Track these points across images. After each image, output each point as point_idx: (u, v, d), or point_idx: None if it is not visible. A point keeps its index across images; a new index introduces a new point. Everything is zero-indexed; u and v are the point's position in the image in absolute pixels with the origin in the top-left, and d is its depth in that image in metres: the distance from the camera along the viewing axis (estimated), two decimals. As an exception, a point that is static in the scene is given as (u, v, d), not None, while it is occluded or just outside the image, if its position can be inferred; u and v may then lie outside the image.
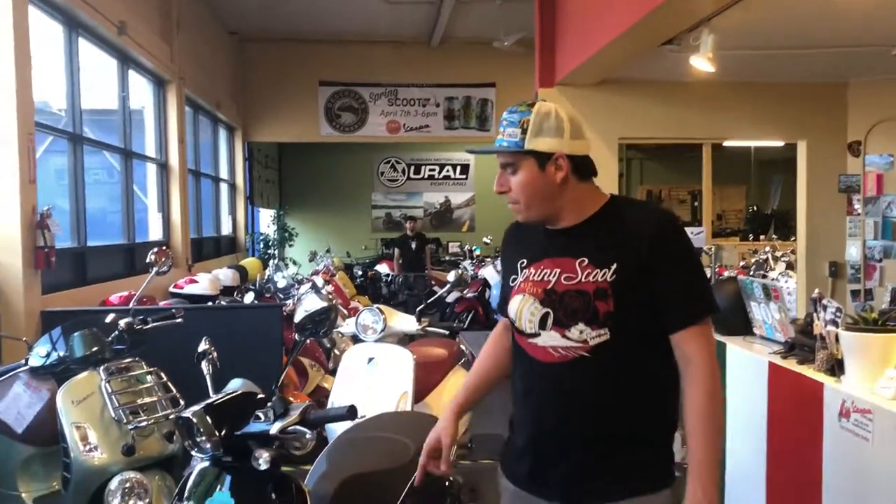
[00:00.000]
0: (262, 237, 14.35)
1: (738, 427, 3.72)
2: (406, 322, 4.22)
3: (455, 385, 4.26)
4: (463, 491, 4.74)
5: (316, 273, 9.68)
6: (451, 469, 2.05)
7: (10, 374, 3.35)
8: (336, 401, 3.98)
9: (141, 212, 8.89)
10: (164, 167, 9.11)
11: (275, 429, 1.87)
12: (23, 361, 3.38)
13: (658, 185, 17.52)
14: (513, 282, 1.98)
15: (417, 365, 4.08)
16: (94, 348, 3.30)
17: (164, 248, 3.60)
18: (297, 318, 1.90)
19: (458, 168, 17.40)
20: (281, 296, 7.90)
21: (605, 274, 1.84)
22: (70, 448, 3.10)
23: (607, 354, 1.84)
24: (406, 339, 4.64)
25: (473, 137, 13.63)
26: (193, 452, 1.98)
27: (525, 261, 1.97)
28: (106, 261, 7.17)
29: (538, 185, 1.88)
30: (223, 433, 1.92)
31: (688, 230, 5.05)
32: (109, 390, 3.14)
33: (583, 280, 1.86)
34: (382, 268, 13.48)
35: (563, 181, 1.89)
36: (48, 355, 3.30)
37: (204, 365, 2.33)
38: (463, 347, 4.87)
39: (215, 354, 2.38)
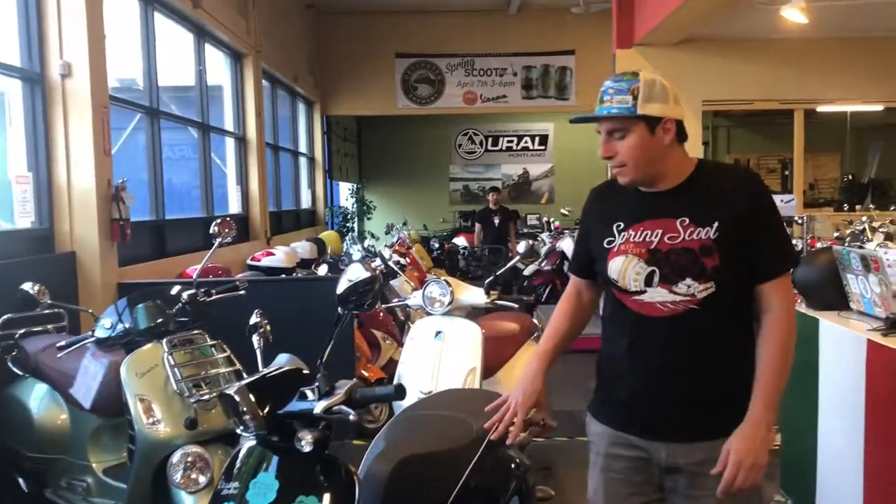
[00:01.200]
0: (340, 210, 14.43)
1: (833, 407, 3.45)
2: (474, 295, 4.07)
3: (527, 360, 4.09)
4: (531, 473, 4.61)
5: (391, 246, 9.62)
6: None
7: (78, 345, 3.36)
8: (403, 375, 3.88)
9: (222, 186, 8.99)
10: (241, 141, 9.17)
11: (319, 408, 1.76)
12: (90, 333, 3.39)
13: (746, 153, 16.79)
14: (608, 244, 2.09)
15: (488, 339, 3.93)
16: (158, 320, 3.27)
17: (227, 218, 3.54)
18: (340, 290, 1.78)
19: (537, 139, 17.08)
20: (355, 268, 7.83)
21: (707, 232, 1.97)
22: (134, 420, 3.09)
23: (713, 306, 1.98)
24: (478, 313, 4.49)
25: (552, 107, 13.31)
26: (239, 431, 1.89)
27: (622, 223, 2.08)
28: (185, 234, 7.26)
29: (648, 148, 1.99)
30: (266, 412, 1.82)
31: (776, 197, 4.70)
32: (172, 363, 3.10)
33: (686, 238, 1.99)
34: (460, 241, 13.34)
35: (670, 144, 2.02)
36: (113, 327, 3.29)
37: (255, 338, 2.24)
38: (536, 321, 4.69)
39: (268, 328, 2.28)
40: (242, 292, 3.46)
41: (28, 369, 3.72)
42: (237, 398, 1.83)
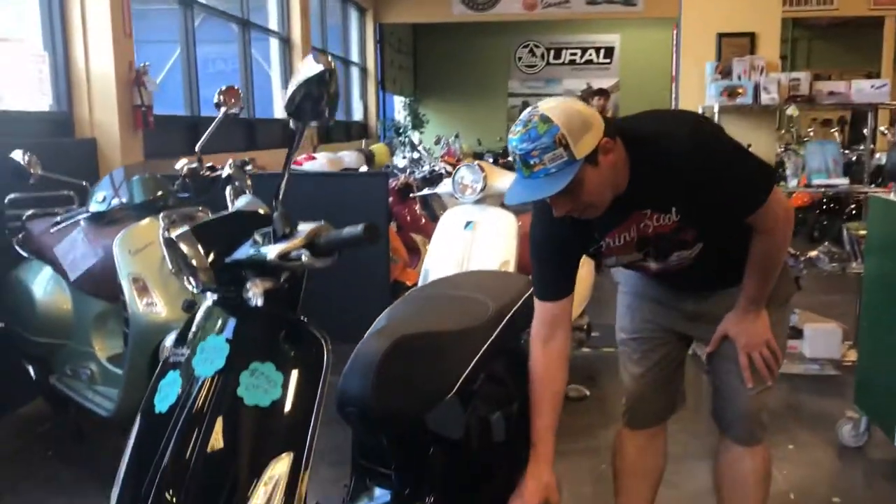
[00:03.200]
0: (392, 124, 14.02)
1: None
2: (509, 180, 3.64)
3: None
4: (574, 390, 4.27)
5: (440, 157, 9.21)
6: None
7: (72, 221, 3.10)
8: (430, 269, 3.54)
9: (264, 89, 8.67)
10: (286, 42, 8.79)
11: (272, 253, 1.42)
12: (84, 209, 3.12)
13: (828, 67, 15.66)
14: (594, 251, 2.05)
15: (525, 236, 3.55)
16: (157, 193, 2.98)
17: (235, 87, 3.18)
18: (289, 93, 1.40)
19: (602, 51, 16.24)
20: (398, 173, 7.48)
21: (669, 216, 1.92)
22: (128, 302, 2.83)
23: (711, 253, 2.00)
24: (517, 212, 4.09)
25: (618, 14, 12.52)
26: (190, 287, 1.58)
27: (595, 236, 2.00)
28: (223, 133, 6.96)
29: (603, 179, 1.81)
30: (211, 261, 1.48)
31: (866, 83, 4.11)
32: (169, 239, 2.81)
33: (656, 225, 1.95)
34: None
35: (616, 158, 1.83)
36: (107, 200, 3.00)
37: (227, 191, 1.90)
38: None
39: (248, 181, 1.94)
40: (249, 167, 3.13)
41: (33, 251, 3.50)
42: (180, 243, 1.51)
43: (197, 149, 3.13)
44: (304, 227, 1.47)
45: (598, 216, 1.89)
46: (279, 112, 8.83)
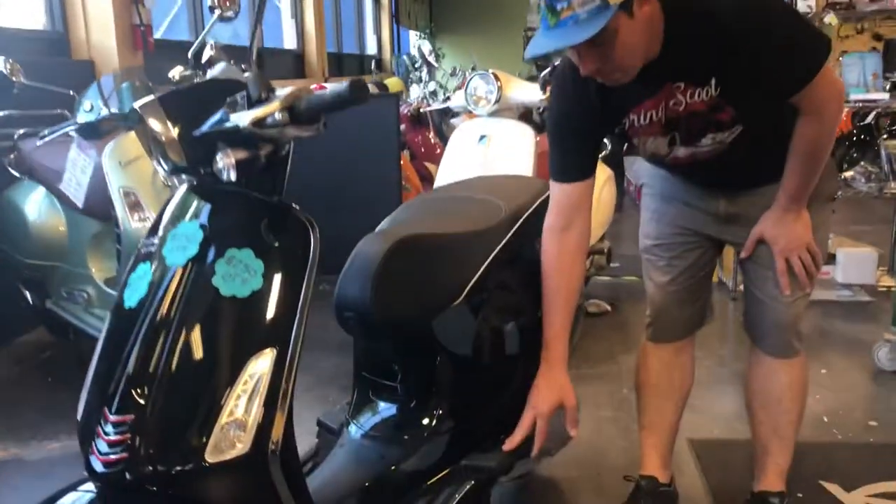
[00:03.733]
0: (407, 58, 13.66)
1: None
2: (527, 91, 3.43)
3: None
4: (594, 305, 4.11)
5: (458, 88, 8.91)
6: (577, 431, 1.88)
7: (59, 133, 2.90)
8: (440, 184, 3.33)
9: (272, 18, 8.39)
10: (295, -30, 8.48)
11: (245, 120, 1.23)
12: (72, 120, 2.92)
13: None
14: (618, 130, 1.85)
15: (543, 155, 3.33)
16: (148, 102, 2.77)
17: (229, -10, 2.93)
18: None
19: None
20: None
21: (707, 90, 1.71)
22: (119, 217, 2.67)
23: (747, 139, 1.78)
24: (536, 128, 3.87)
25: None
26: (161, 170, 1.39)
27: (621, 110, 1.79)
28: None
29: (638, 35, 1.60)
30: (179, 133, 1.29)
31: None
32: (161, 150, 2.62)
33: (689, 102, 1.73)
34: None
35: (652, 12, 1.61)
36: (95, 110, 2.80)
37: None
38: (607, 141, 4.04)
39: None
40: (247, 74, 2.91)
41: (24, 171, 3.34)
42: (145, 115, 1.32)
43: (190, 55, 2.90)
44: (283, 92, 1.28)
45: (625, 85, 1.67)
46: (288, 42, 8.57)
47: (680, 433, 2.27)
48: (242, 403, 1.23)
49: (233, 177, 1.26)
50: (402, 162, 4.93)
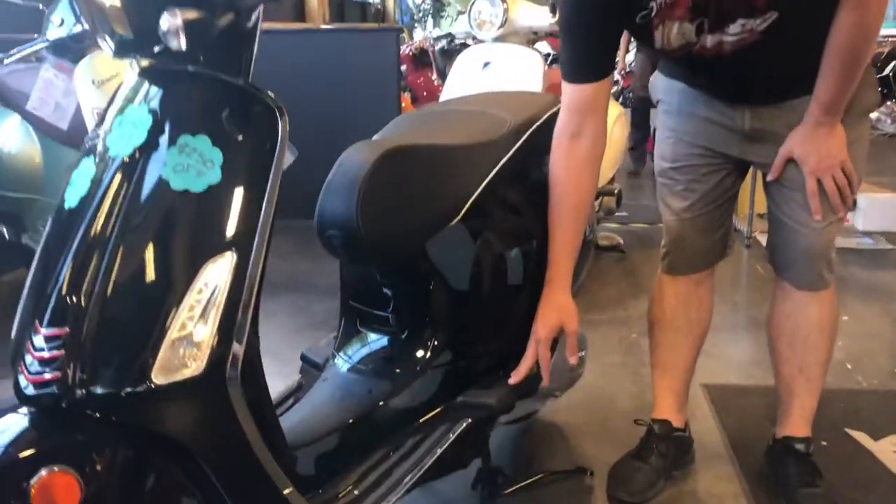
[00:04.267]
0: (412, 6, 13.33)
1: None
2: (535, 14, 3.18)
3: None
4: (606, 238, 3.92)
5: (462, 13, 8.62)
6: (577, 360, 1.76)
7: (29, 50, 2.70)
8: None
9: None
10: None
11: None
12: (42, 37, 2.72)
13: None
14: (642, 19, 1.61)
15: (554, 88, 3.11)
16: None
17: None
18: None
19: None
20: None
21: None
22: (93, 140, 2.46)
23: (780, 32, 1.58)
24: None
25: None
26: (107, 50, 1.19)
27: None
28: None
29: None
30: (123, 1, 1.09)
31: None
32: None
33: None
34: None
35: None
36: (65, 24, 2.60)
37: None
38: (618, 77, 3.82)
39: None
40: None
41: (-2, 98, 3.13)
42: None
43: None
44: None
45: None
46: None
47: (693, 379, 2.10)
48: (196, 316, 1.04)
49: (182, 44, 1.06)
50: (402, 105, 4.73)
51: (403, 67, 5.40)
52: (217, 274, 1.05)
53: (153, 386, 1.03)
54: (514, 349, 1.73)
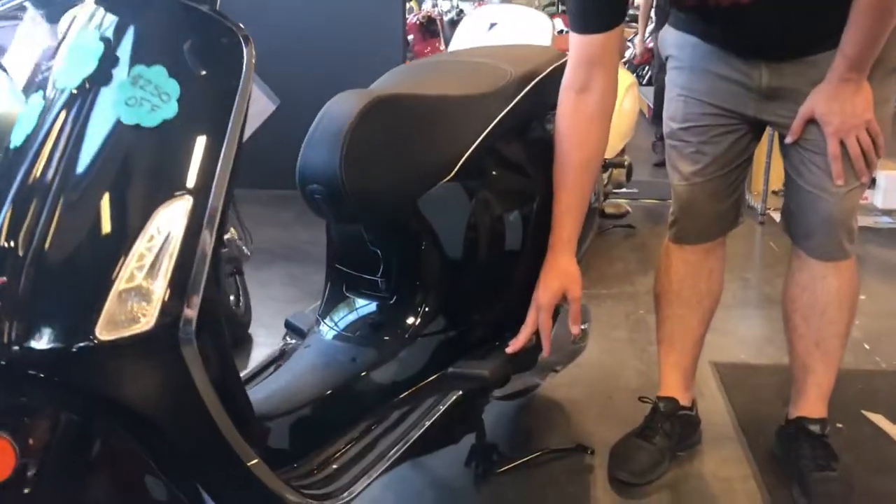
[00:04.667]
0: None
1: None
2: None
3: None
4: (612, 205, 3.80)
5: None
6: (580, 330, 1.69)
7: (11, 4, 2.58)
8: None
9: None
10: None
11: None
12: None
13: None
14: None
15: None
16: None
17: None
18: None
19: None
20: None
21: None
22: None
23: None
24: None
25: None
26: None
27: None
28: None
29: None
30: None
31: None
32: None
33: None
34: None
35: None
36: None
37: None
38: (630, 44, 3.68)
39: None
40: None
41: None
42: None
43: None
44: None
45: None
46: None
47: (701, 356, 1.99)
48: (146, 266, 0.93)
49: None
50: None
51: (410, 37, 5.26)
52: (170, 220, 0.94)
53: (97, 342, 0.92)
54: (511, 318, 1.62)
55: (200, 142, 0.97)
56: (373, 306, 1.58)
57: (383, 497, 1.76)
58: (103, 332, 0.92)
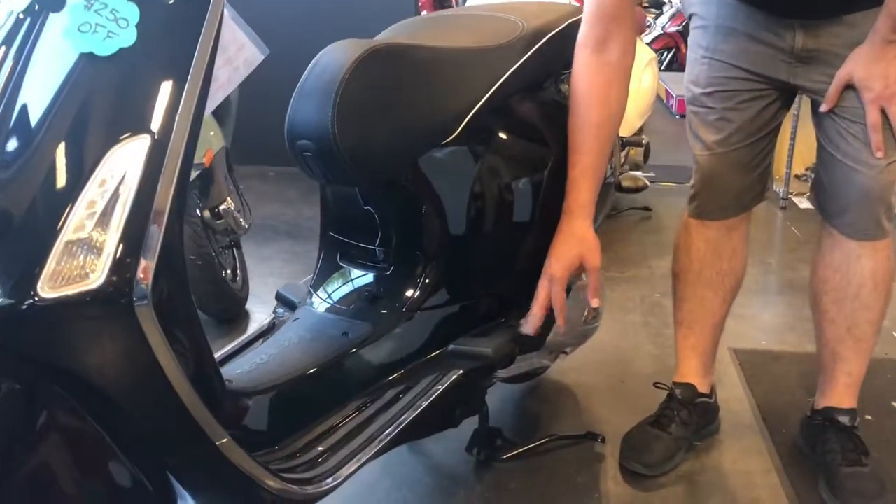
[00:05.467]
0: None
1: None
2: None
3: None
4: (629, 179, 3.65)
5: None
6: (600, 301, 1.55)
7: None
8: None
9: None
10: None
11: None
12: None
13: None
14: None
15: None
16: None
17: None
18: None
19: None
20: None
21: None
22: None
23: None
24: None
25: None
26: None
27: None
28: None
29: None
30: None
31: None
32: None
33: None
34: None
35: None
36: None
37: None
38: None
39: None
40: None
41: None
42: None
43: None
44: None
45: None
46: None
47: (720, 341, 1.86)
48: (97, 214, 0.81)
49: None
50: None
51: (420, 3, 5.10)
52: (125, 162, 0.82)
53: (39, 300, 0.80)
54: (519, 293, 1.49)
55: (161, 75, 0.85)
56: (369, 277, 1.46)
57: (380, 481, 1.65)
58: (46, 289, 0.80)
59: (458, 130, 1.36)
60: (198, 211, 2.29)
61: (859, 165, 1.51)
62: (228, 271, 2.47)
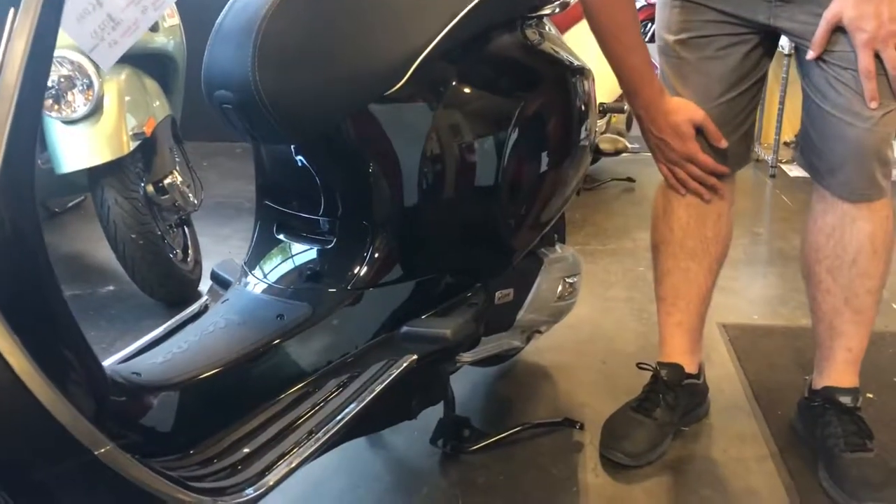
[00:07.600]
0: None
1: None
2: None
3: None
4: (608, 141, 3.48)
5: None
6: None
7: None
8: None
9: None
10: None
11: None
12: None
13: None
14: None
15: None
16: None
17: None
18: None
19: None
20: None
21: None
22: None
23: None
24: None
25: None
26: None
27: None
28: None
29: None
30: None
31: None
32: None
33: None
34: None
35: None
36: None
37: None
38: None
39: None
40: None
41: None
42: None
43: None
44: None
45: None
46: None
47: (708, 316, 1.69)
48: None
49: None
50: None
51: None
52: None
53: None
54: (481, 267, 1.32)
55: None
56: (310, 252, 1.29)
57: (334, 479, 1.48)
58: None
59: (406, 78, 1.17)
60: (140, 184, 2.10)
61: (852, 117, 1.34)
62: (178, 251, 2.29)
